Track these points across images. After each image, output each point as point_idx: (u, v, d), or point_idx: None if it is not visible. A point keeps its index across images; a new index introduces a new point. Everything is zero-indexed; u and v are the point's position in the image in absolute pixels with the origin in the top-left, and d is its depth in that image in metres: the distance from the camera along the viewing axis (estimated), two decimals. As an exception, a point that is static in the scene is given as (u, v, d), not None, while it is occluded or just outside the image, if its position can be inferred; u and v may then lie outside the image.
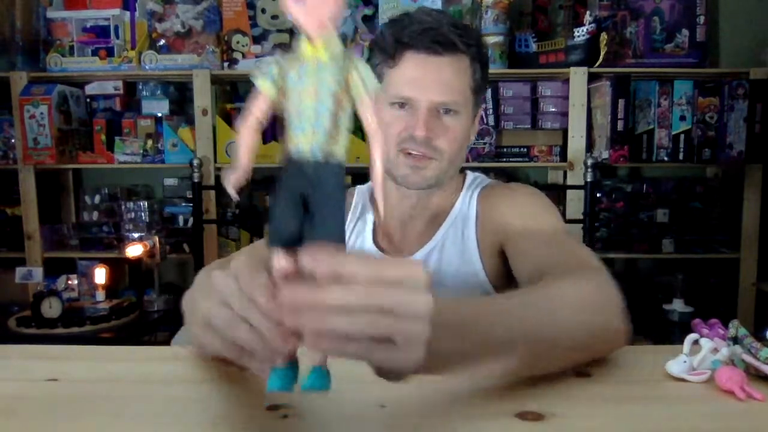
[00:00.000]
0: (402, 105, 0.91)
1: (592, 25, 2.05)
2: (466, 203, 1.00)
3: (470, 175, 1.06)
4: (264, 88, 0.43)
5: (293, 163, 0.42)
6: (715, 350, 0.61)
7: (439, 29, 0.89)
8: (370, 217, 1.06)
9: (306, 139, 0.42)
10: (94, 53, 2.25)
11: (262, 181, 2.44)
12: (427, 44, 0.88)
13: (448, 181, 0.99)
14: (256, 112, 0.44)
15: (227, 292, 0.46)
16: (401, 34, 0.90)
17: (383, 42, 0.93)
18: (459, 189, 1.03)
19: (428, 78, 0.90)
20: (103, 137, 2.30)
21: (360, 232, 1.05)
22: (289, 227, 0.43)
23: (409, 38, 0.89)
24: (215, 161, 2.22)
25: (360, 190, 1.11)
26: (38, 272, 2.15)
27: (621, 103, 2.11)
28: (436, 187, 0.97)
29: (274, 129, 2.25)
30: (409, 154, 0.92)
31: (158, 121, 2.30)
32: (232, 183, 0.44)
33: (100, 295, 2.06)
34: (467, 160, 2.06)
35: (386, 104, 0.92)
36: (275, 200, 0.43)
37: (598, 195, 2.19)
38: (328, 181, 0.43)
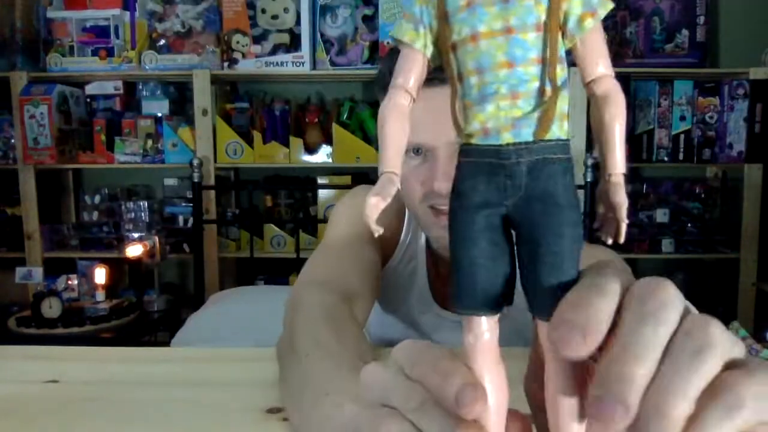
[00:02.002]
0: (417, 151, 0.77)
1: (592, 25, 2.05)
2: None
3: None
4: (413, 39, 0.27)
5: (481, 159, 0.26)
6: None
7: None
8: (422, 243, 0.89)
9: (499, 111, 0.26)
10: (94, 53, 2.25)
11: (262, 181, 2.44)
12: (428, 74, 0.78)
13: None
14: (405, 85, 0.28)
15: (399, 396, 0.29)
16: None
17: (383, 80, 0.78)
18: None
19: (438, 115, 0.68)
20: (103, 137, 2.30)
21: (411, 259, 0.90)
22: (491, 274, 0.27)
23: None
24: (215, 161, 2.22)
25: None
26: (38, 272, 2.15)
27: (621, 103, 2.11)
28: None
29: (273, 122, 2.25)
30: (438, 210, 0.76)
31: (158, 121, 2.30)
32: (375, 211, 0.27)
33: (100, 295, 2.06)
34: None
35: None
36: (456, 231, 0.27)
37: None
38: (551, 184, 0.26)
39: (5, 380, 0.63)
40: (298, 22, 2.17)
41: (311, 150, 2.26)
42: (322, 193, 2.28)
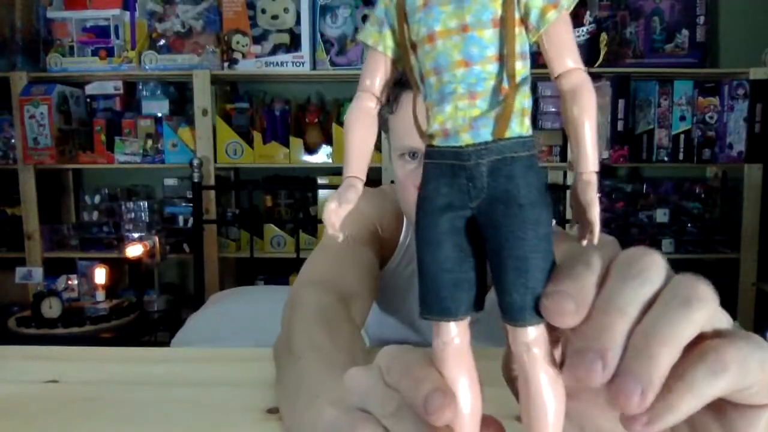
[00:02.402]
0: (413, 155, 0.77)
1: (592, 25, 2.05)
2: None
3: None
4: (375, 42, 0.27)
5: (442, 161, 0.26)
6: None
7: None
8: None
9: (458, 111, 0.25)
10: (94, 53, 2.25)
11: (262, 181, 2.44)
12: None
13: None
14: (371, 89, 0.27)
15: (376, 401, 0.29)
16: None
17: None
18: None
19: None
20: (103, 137, 2.30)
21: (410, 261, 0.89)
22: (457, 279, 0.26)
23: (401, 74, 0.77)
24: (215, 161, 2.22)
25: (395, 191, 0.91)
26: (38, 272, 2.15)
27: (621, 103, 2.12)
28: None
29: (273, 122, 2.25)
30: None
31: (158, 121, 2.31)
32: (335, 216, 0.27)
33: (100, 295, 2.06)
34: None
35: (396, 156, 0.79)
36: (421, 235, 0.26)
37: (597, 195, 2.19)
38: (512, 184, 0.25)
39: (5, 380, 0.63)
40: (298, 22, 2.17)
41: (311, 150, 2.26)
42: (322, 193, 2.28)
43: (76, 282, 2.19)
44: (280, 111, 2.28)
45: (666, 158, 2.20)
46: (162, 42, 2.24)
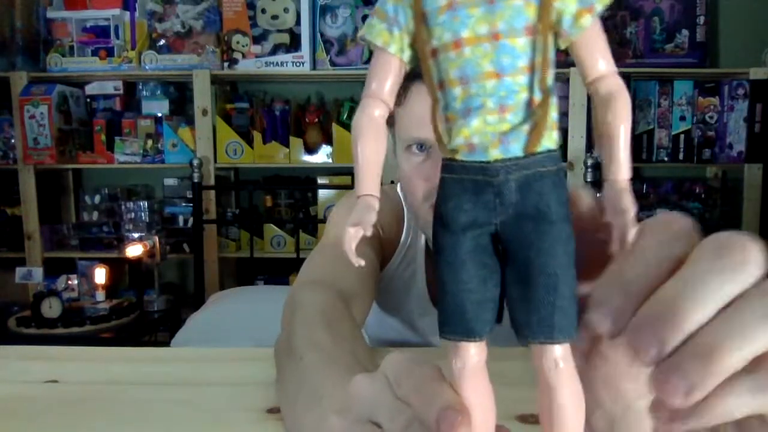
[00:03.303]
0: (420, 147, 0.76)
1: (592, 25, 2.05)
2: None
3: None
4: (386, 42, 0.25)
5: (466, 176, 0.24)
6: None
7: None
8: (422, 246, 0.89)
9: (486, 126, 0.24)
10: (94, 53, 2.25)
11: (262, 181, 2.44)
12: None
13: None
14: (380, 94, 0.25)
15: (385, 414, 0.29)
16: None
17: None
18: None
19: None
20: (103, 137, 2.30)
21: (411, 262, 0.90)
22: (481, 298, 0.25)
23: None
24: (215, 161, 2.22)
25: (396, 191, 0.92)
26: (38, 272, 2.15)
27: (621, 103, 2.12)
28: None
29: (273, 122, 2.25)
30: None
31: (158, 121, 2.31)
32: (356, 240, 0.25)
33: (100, 295, 2.06)
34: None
35: (402, 149, 0.78)
36: (442, 256, 0.25)
37: (598, 195, 2.19)
38: (542, 200, 0.24)
39: (5, 380, 0.63)
40: (298, 22, 2.17)
41: (311, 150, 2.26)
42: (322, 193, 2.28)
43: (76, 282, 2.19)
44: (280, 111, 2.28)
45: (666, 158, 2.20)
46: (162, 42, 2.24)
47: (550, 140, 0.24)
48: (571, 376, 0.25)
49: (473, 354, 0.26)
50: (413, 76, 0.73)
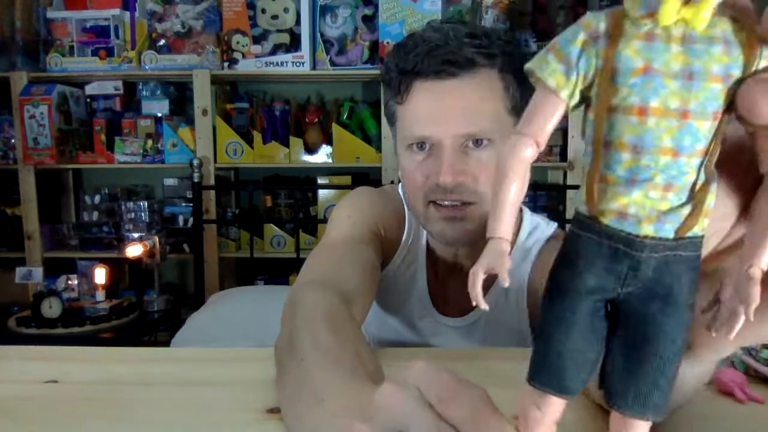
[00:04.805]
0: (421, 146, 0.75)
1: (593, 25, 2.05)
2: (518, 262, 0.83)
3: (527, 223, 0.87)
4: (559, 86, 0.24)
5: (606, 241, 0.24)
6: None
7: (447, 46, 0.71)
8: (423, 246, 0.88)
9: (646, 200, 0.23)
10: (94, 53, 2.25)
11: (262, 181, 2.44)
12: (435, 67, 0.71)
13: None
14: (536, 136, 0.24)
15: (420, 428, 0.29)
16: (405, 61, 0.73)
17: (387, 75, 0.77)
18: (512, 240, 0.88)
19: (445, 108, 0.72)
20: (103, 137, 2.30)
21: (411, 263, 0.89)
22: (582, 360, 0.25)
23: (414, 64, 0.72)
24: (215, 161, 2.22)
25: (397, 191, 0.92)
26: (38, 272, 2.15)
27: (621, 103, 2.11)
28: (481, 240, 0.81)
29: (273, 122, 2.25)
30: (441, 205, 0.75)
31: (158, 121, 2.31)
32: (479, 278, 0.25)
33: (100, 295, 2.06)
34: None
35: (404, 147, 0.77)
36: (555, 311, 0.25)
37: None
38: (676, 283, 0.24)
39: (5, 380, 0.63)
40: (298, 22, 2.17)
41: (311, 150, 2.26)
42: (322, 193, 2.28)
43: (76, 282, 2.19)
44: (280, 111, 2.28)
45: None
46: (162, 42, 2.24)
47: (700, 226, 0.23)
48: None
49: (556, 409, 0.26)
50: (417, 73, 0.72)
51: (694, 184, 0.23)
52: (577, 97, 0.24)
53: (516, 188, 0.24)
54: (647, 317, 0.24)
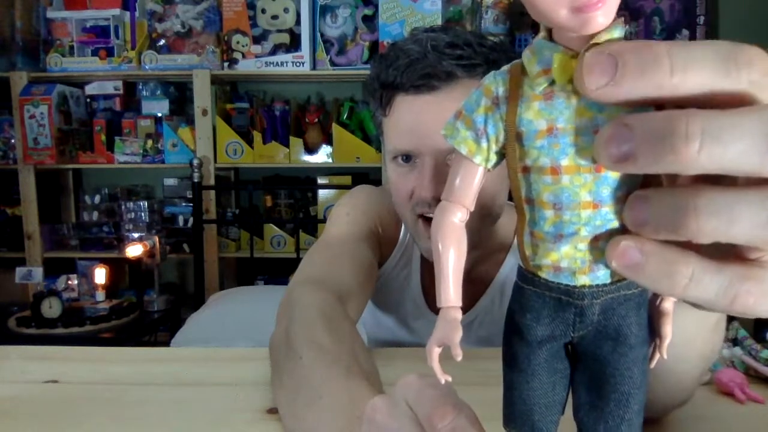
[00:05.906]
0: (406, 158, 0.75)
1: (592, 25, 2.05)
2: (514, 261, 0.83)
3: None
4: (472, 152, 0.24)
5: (548, 293, 0.24)
6: (715, 352, 0.61)
7: (426, 59, 0.70)
8: (416, 248, 0.87)
9: (576, 252, 0.23)
10: (94, 53, 2.25)
11: (262, 181, 2.44)
12: (415, 81, 0.71)
13: (486, 240, 0.81)
14: (461, 201, 0.24)
15: None
16: (386, 75, 0.73)
17: (371, 86, 0.77)
18: (505, 249, 0.86)
19: (426, 123, 0.71)
20: (103, 137, 2.30)
21: (407, 263, 0.89)
22: (549, 403, 0.26)
23: (394, 78, 0.72)
24: (215, 161, 2.22)
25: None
26: (38, 272, 2.15)
27: (621, 103, 2.12)
28: (473, 249, 0.74)
29: (273, 122, 2.25)
30: (428, 219, 0.73)
31: (158, 121, 2.31)
32: (435, 354, 0.25)
33: (100, 295, 2.06)
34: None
35: (389, 159, 0.78)
36: (514, 363, 0.26)
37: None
38: (624, 323, 0.24)
39: (5, 380, 0.63)
40: (298, 22, 2.17)
41: (311, 150, 2.26)
42: (322, 193, 2.28)
43: (76, 282, 2.19)
44: (280, 111, 2.28)
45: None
46: (162, 42, 2.24)
47: None
48: None
49: None
50: (397, 87, 0.71)
51: (622, 228, 0.22)
52: (493, 160, 0.24)
53: (454, 255, 0.24)
54: (601, 358, 0.24)
